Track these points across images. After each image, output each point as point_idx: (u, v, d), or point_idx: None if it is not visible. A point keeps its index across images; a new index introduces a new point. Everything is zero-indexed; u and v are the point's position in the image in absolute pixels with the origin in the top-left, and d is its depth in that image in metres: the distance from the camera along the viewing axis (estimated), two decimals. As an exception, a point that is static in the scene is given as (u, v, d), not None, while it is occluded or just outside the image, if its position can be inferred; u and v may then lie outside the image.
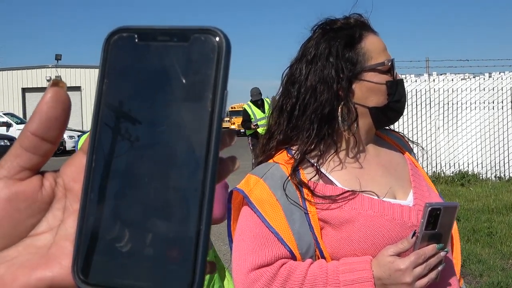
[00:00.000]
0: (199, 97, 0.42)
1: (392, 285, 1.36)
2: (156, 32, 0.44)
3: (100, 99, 0.45)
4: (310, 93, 1.51)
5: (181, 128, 0.42)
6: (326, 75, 1.50)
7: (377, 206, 1.44)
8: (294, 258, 1.42)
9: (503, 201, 9.26)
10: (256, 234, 1.44)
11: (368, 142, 1.61)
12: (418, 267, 1.36)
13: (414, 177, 1.60)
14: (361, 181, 1.50)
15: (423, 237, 1.37)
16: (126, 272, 0.42)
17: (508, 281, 5.36)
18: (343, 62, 1.51)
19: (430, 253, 1.38)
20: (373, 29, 1.61)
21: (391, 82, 1.55)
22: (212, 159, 0.42)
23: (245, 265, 1.42)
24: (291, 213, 1.43)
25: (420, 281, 1.36)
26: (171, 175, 0.42)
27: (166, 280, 0.41)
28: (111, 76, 0.45)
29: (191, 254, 0.41)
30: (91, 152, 0.45)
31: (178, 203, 0.42)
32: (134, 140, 0.43)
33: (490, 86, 12.03)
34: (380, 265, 1.37)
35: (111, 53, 0.45)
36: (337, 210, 1.43)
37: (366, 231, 1.41)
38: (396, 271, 1.35)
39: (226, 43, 0.43)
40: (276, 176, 1.49)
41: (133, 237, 0.42)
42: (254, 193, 1.47)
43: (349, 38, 1.54)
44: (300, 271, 1.38)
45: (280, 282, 1.38)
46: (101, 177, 0.44)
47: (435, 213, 1.37)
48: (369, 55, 1.54)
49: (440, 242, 1.40)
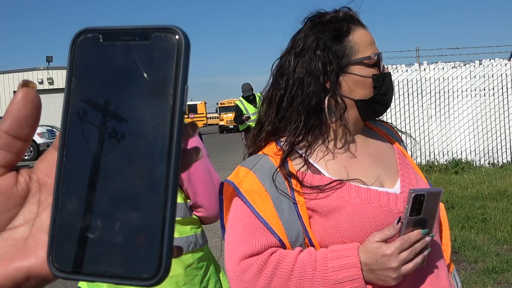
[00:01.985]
0: (161, 92, 0.45)
1: (379, 270, 1.38)
2: (119, 32, 0.47)
3: (68, 97, 0.47)
4: (298, 85, 1.54)
5: (145, 122, 0.45)
6: (313, 67, 1.53)
7: (364, 194, 1.47)
8: (283, 246, 1.45)
9: (497, 187, 9.31)
10: (246, 224, 1.48)
11: (356, 133, 1.63)
12: (404, 252, 1.39)
13: (402, 165, 1.62)
14: (349, 171, 1.53)
15: (408, 223, 1.40)
16: (97, 259, 0.45)
17: (502, 266, 5.40)
18: (330, 55, 1.54)
19: (415, 238, 1.40)
20: (362, 23, 1.63)
21: (377, 76, 1.57)
22: (174, 150, 0.44)
23: (236, 254, 1.46)
24: (279, 203, 1.46)
25: (406, 265, 1.39)
26: (137, 166, 0.45)
27: (135, 265, 0.44)
28: (78, 75, 0.47)
29: (157, 240, 0.44)
30: (61, 148, 0.47)
31: (144, 193, 0.44)
32: (102, 135, 0.46)
33: (481, 74, 12.05)
34: (367, 251, 1.40)
35: (77, 53, 0.48)
36: (325, 199, 1.46)
37: (353, 218, 1.44)
38: (382, 257, 1.38)
39: (185, 40, 0.45)
40: (265, 168, 1.52)
41: (103, 226, 0.45)
42: (244, 184, 1.50)
43: (336, 31, 1.57)
44: (289, 259, 1.41)
45: (270, 270, 1.41)
46: (71, 171, 0.46)
47: (419, 199, 1.39)
48: (356, 48, 1.56)
49: (425, 228, 1.42)
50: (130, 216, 0.45)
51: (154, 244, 0.44)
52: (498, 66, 12.07)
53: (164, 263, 0.43)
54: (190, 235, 2.27)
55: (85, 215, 0.45)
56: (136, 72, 0.46)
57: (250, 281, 1.43)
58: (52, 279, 0.48)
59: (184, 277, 2.23)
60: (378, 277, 1.40)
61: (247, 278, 1.43)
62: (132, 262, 0.44)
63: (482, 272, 5.30)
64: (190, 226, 2.28)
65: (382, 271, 1.38)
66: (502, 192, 8.80)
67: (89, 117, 0.46)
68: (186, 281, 2.24)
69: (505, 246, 6.17)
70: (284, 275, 1.41)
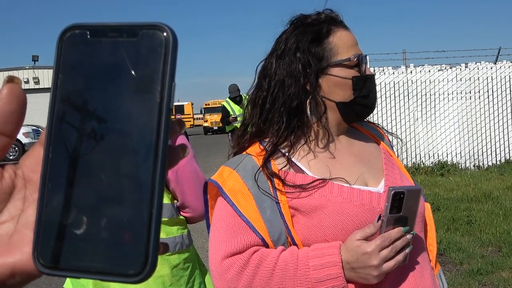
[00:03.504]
0: (148, 89, 0.45)
1: (360, 268, 1.39)
2: (107, 28, 0.47)
3: (55, 93, 0.47)
4: (279, 86, 1.57)
5: (132, 119, 0.45)
6: (293, 69, 1.56)
7: (346, 192, 1.48)
8: (266, 245, 1.46)
9: (482, 189, 9.38)
10: (229, 223, 1.49)
11: (340, 133, 1.64)
12: (385, 249, 1.39)
13: (387, 165, 1.63)
14: (333, 170, 1.54)
15: (389, 221, 1.40)
16: (83, 255, 0.44)
17: (487, 268, 5.43)
18: (309, 57, 1.56)
19: (396, 236, 1.41)
20: (344, 24, 1.64)
21: (357, 78, 1.58)
22: (161, 147, 0.44)
23: (219, 253, 1.47)
24: (262, 202, 1.47)
25: (387, 263, 1.40)
26: (124, 163, 0.45)
27: (120, 261, 0.44)
28: (65, 71, 0.47)
29: (143, 236, 0.43)
30: (47, 144, 0.47)
31: (131, 189, 0.44)
32: (88, 131, 0.46)
33: (467, 77, 12.14)
34: (348, 250, 1.40)
35: (64, 49, 0.47)
36: (307, 198, 1.47)
37: (335, 217, 1.45)
38: (363, 255, 1.38)
39: (173, 37, 0.45)
40: (248, 167, 1.53)
41: (89, 222, 0.45)
42: (227, 183, 1.52)
43: (316, 33, 1.59)
44: (271, 258, 1.42)
45: (252, 269, 1.42)
46: (58, 166, 0.46)
47: (399, 197, 1.40)
48: (336, 50, 1.58)
49: (406, 225, 1.43)
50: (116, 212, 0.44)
51: (140, 240, 0.43)
52: (484, 69, 12.16)
53: (150, 259, 0.43)
54: (177, 236, 2.27)
55: (70, 211, 0.45)
56: (124, 69, 0.45)
57: (232, 279, 1.44)
58: (37, 275, 0.48)
59: (170, 277, 2.23)
60: (359, 275, 1.40)
61: (229, 276, 1.44)
62: (118, 258, 0.44)
63: (467, 274, 5.33)
64: (177, 227, 2.28)
65: (363, 269, 1.39)
66: (487, 195, 8.86)
67: (75, 113, 0.46)
68: (172, 282, 2.23)
69: (490, 248, 6.21)
70: (266, 273, 1.41)
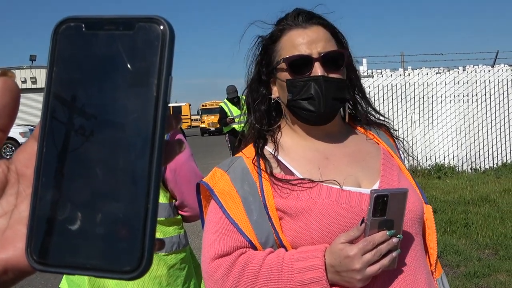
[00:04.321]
0: (145, 83, 0.44)
1: (344, 271, 1.37)
2: (102, 21, 0.46)
3: (49, 87, 0.46)
4: (252, 92, 1.65)
5: (128, 113, 0.44)
6: (254, 74, 1.64)
7: (335, 194, 1.47)
8: (254, 247, 1.46)
9: (479, 192, 9.39)
10: (218, 225, 1.50)
11: (330, 133, 1.62)
12: (368, 253, 1.36)
13: (385, 166, 1.60)
14: (324, 171, 1.52)
15: (373, 224, 1.38)
16: (78, 251, 0.44)
17: (484, 270, 5.43)
18: (264, 61, 1.63)
19: (380, 239, 1.38)
20: (304, 23, 1.59)
21: (289, 80, 1.56)
22: (158, 142, 0.44)
23: (208, 254, 1.49)
24: (249, 205, 1.48)
25: (371, 267, 1.37)
26: (120, 157, 0.44)
27: (116, 257, 0.43)
28: (60, 65, 0.46)
29: (139, 232, 0.43)
30: (42, 138, 0.46)
31: (127, 184, 0.44)
32: (83, 125, 0.45)
33: (465, 80, 12.16)
34: (332, 253, 1.39)
35: (59, 43, 0.47)
36: (294, 200, 1.46)
37: (322, 219, 1.43)
38: (345, 258, 1.36)
39: (170, 31, 0.45)
40: (237, 169, 1.55)
41: (84, 217, 0.44)
42: (218, 185, 1.53)
43: (270, 37, 1.62)
44: (257, 260, 1.42)
45: (238, 270, 1.43)
46: (52, 161, 0.45)
47: (382, 200, 1.37)
48: (280, 53, 1.59)
49: (392, 229, 1.39)
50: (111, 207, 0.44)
51: (136, 236, 0.43)
52: (481, 73, 12.18)
53: (146, 255, 0.43)
54: (174, 236, 2.26)
55: (65, 207, 0.44)
56: (120, 62, 0.45)
57: (219, 281, 1.45)
58: (31, 271, 0.47)
59: (167, 277, 2.22)
60: (343, 278, 1.38)
61: (216, 278, 1.45)
62: (113, 255, 0.43)
63: (464, 277, 5.33)
64: (174, 227, 2.28)
65: (347, 273, 1.37)
66: (484, 198, 8.87)
67: (70, 107, 0.45)
68: (169, 282, 2.23)
69: (486, 250, 6.22)
70: (251, 275, 1.42)
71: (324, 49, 1.54)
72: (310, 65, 1.53)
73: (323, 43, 1.55)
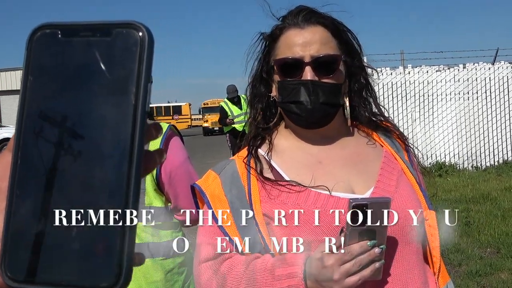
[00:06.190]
0: (123, 91, 0.43)
1: (323, 281, 1.33)
2: (79, 27, 0.45)
3: (24, 96, 0.44)
4: (253, 88, 1.63)
5: (106, 122, 0.43)
6: (256, 71, 1.62)
7: (322, 201, 1.43)
8: (240, 252, 1.45)
9: (480, 190, 9.38)
10: (207, 229, 1.51)
11: (326, 136, 1.58)
12: (347, 263, 1.31)
13: (383, 170, 1.55)
14: (316, 175, 1.49)
15: (353, 234, 1.32)
16: (54, 267, 0.42)
17: (486, 269, 5.43)
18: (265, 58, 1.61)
19: (359, 250, 1.31)
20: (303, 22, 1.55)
21: (280, 82, 1.54)
22: (136, 152, 0.42)
23: (196, 258, 1.50)
24: (236, 209, 1.46)
25: (350, 278, 1.31)
26: (96, 169, 0.42)
27: (92, 273, 0.42)
28: (35, 73, 0.45)
29: (117, 247, 0.41)
30: (16, 150, 0.44)
31: (104, 197, 0.42)
32: (59, 136, 0.43)
33: (465, 77, 12.16)
34: (312, 261, 1.35)
35: (34, 50, 0.45)
36: (280, 205, 1.44)
37: (306, 226, 1.41)
38: (323, 268, 1.32)
39: (149, 36, 0.43)
40: (228, 173, 1.53)
41: (59, 232, 0.42)
42: (210, 189, 1.52)
43: (271, 35, 1.60)
44: (241, 266, 1.42)
45: (221, 276, 1.43)
46: (26, 174, 0.44)
47: (362, 209, 1.30)
48: (277, 52, 1.56)
49: (373, 239, 1.33)
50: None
51: (113, 251, 0.41)
52: (481, 70, 12.18)
53: (124, 271, 0.41)
54: (171, 240, 2.23)
55: (40, 221, 0.43)
56: (97, 70, 0.43)
57: (205, 284, 1.46)
58: None
59: (164, 283, 2.20)
60: None
61: (203, 281, 1.47)
62: (89, 271, 0.41)
63: (466, 276, 5.32)
64: (171, 231, 2.25)
65: (326, 283, 1.32)
66: (485, 196, 8.86)
67: (46, 117, 0.43)
68: (167, 287, 2.20)
69: (488, 249, 6.21)
70: (235, 281, 1.41)
71: (318, 52, 1.50)
72: (301, 69, 1.50)
73: (317, 45, 1.51)
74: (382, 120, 1.69)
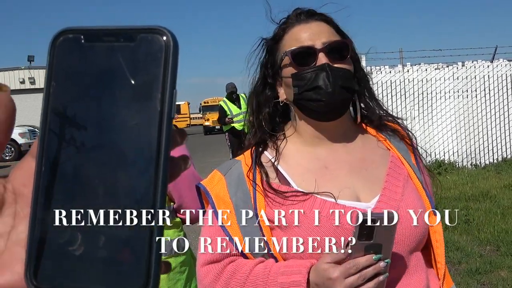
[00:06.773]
0: (148, 97, 0.42)
1: None
2: (102, 32, 0.44)
3: (47, 102, 0.44)
4: (257, 95, 1.60)
5: (131, 129, 0.42)
6: (260, 77, 1.60)
7: (327, 209, 1.42)
8: (244, 256, 1.44)
9: (479, 188, 9.36)
10: (210, 230, 1.49)
11: (337, 134, 1.56)
12: (351, 277, 1.31)
13: (390, 176, 1.52)
14: (321, 181, 1.47)
15: (359, 247, 1.32)
16: (79, 275, 0.42)
17: (486, 267, 5.42)
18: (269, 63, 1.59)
19: (364, 263, 1.31)
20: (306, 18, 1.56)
21: (294, 74, 1.51)
22: (163, 159, 0.42)
23: (200, 259, 1.49)
24: (241, 212, 1.45)
25: None
26: (122, 176, 0.42)
27: (119, 282, 0.41)
28: (58, 79, 0.44)
29: (144, 255, 0.41)
30: (40, 156, 0.44)
31: (130, 205, 0.41)
32: (84, 143, 0.43)
33: (464, 75, 12.13)
34: (316, 271, 1.34)
35: (57, 55, 0.45)
36: (286, 212, 1.42)
37: (311, 234, 1.40)
38: (328, 279, 1.31)
39: (174, 42, 0.43)
40: (234, 174, 1.52)
41: (85, 239, 0.42)
42: (215, 190, 1.50)
43: (273, 38, 1.59)
44: (245, 270, 1.41)
45: (225, 279, 1.42)
46: (51, 180, 0.43)
47: (370, 225, 1.30)
48: (284, 49, 1.55)
49: (379, 253, 1.33)
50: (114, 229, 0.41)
51: (141, 259, 0.41)
52: (480, 68, 12.15)
53: (152, 280, 0.41)
54: (173, 239, 2.24)
55: (65, 228, 0.42)
56: (121, 76, 0.43)
57: (208, 287, 1.45)
58: None
59: (167, 281, 2.20)
60: None
61: (206, 283, 1.46)
62: (116, 279, 0.41)
63: (466, 273, 5.32)
64: (173, 230, 2.26)
65: None
66: (484, 193, 8.85)
67: (70, 123, 0.43)
68: (169, 286, 2.21)
69: (488, 247, 6.20)
70: (237, 285, 1.41)
71: (329, 39, 1.50)
72: (314, 56, 1.48)
73: (326, 34, 1.51)
74: (389, 120, 1.68)
